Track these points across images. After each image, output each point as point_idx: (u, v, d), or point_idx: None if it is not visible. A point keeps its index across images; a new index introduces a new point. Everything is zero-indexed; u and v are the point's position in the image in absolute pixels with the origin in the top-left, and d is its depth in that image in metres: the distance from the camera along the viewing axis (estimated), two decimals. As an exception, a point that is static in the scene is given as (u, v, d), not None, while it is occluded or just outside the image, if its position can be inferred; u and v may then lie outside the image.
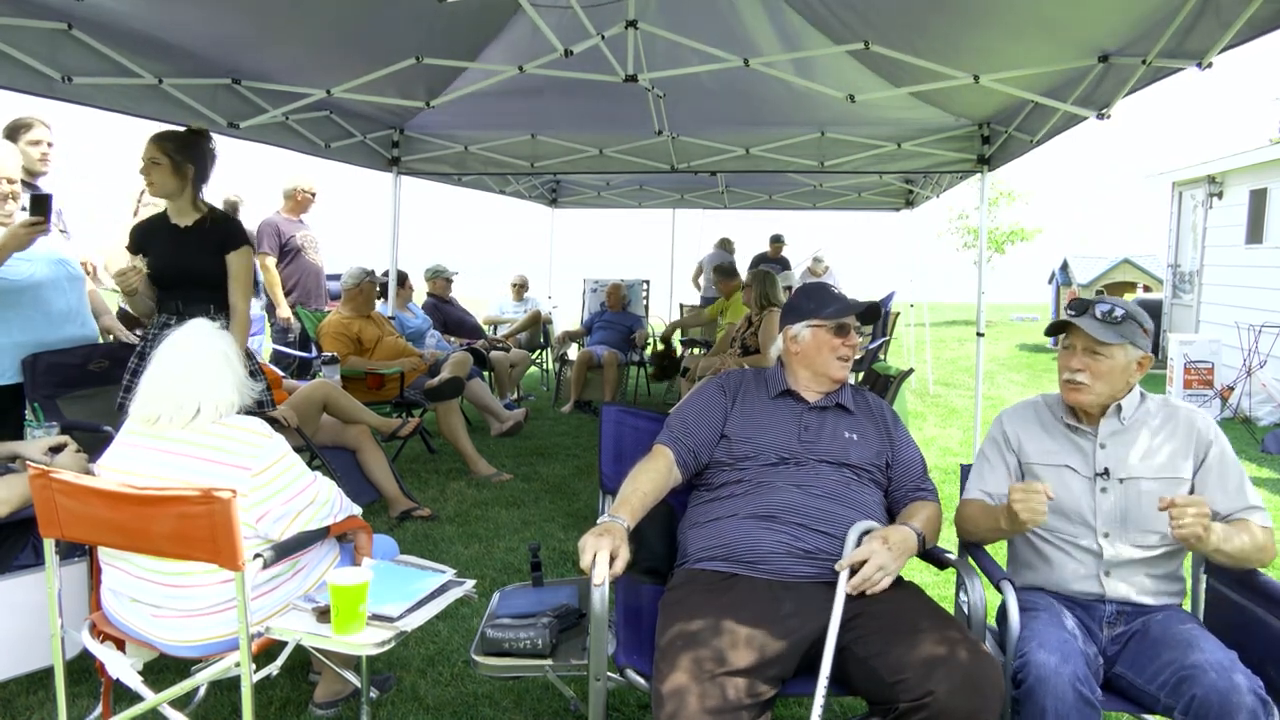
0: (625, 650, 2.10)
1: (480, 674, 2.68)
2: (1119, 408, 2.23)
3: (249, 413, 2.34)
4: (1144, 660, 2.04)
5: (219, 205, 6.00)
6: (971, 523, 2.35)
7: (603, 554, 2.01)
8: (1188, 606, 2.30)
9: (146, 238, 3.51)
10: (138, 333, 3.72)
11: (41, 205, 3.14)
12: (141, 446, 2.20)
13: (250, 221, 6.16)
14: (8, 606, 2.43)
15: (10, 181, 3.30)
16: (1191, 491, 2.17)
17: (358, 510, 2.50)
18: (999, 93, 4.07)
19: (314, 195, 6.58)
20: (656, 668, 1.91)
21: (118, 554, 2.17)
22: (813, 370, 2.49)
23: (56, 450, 2.65)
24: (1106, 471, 2.21)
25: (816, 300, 2.53)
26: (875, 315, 2.59)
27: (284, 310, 6.28)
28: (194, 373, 2.21)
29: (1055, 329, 2.31)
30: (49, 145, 4.18)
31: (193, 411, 2.18)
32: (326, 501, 2.34)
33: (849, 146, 5.85)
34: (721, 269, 8.05)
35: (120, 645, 2.27)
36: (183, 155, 3.38)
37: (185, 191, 3.44)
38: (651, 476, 2.32)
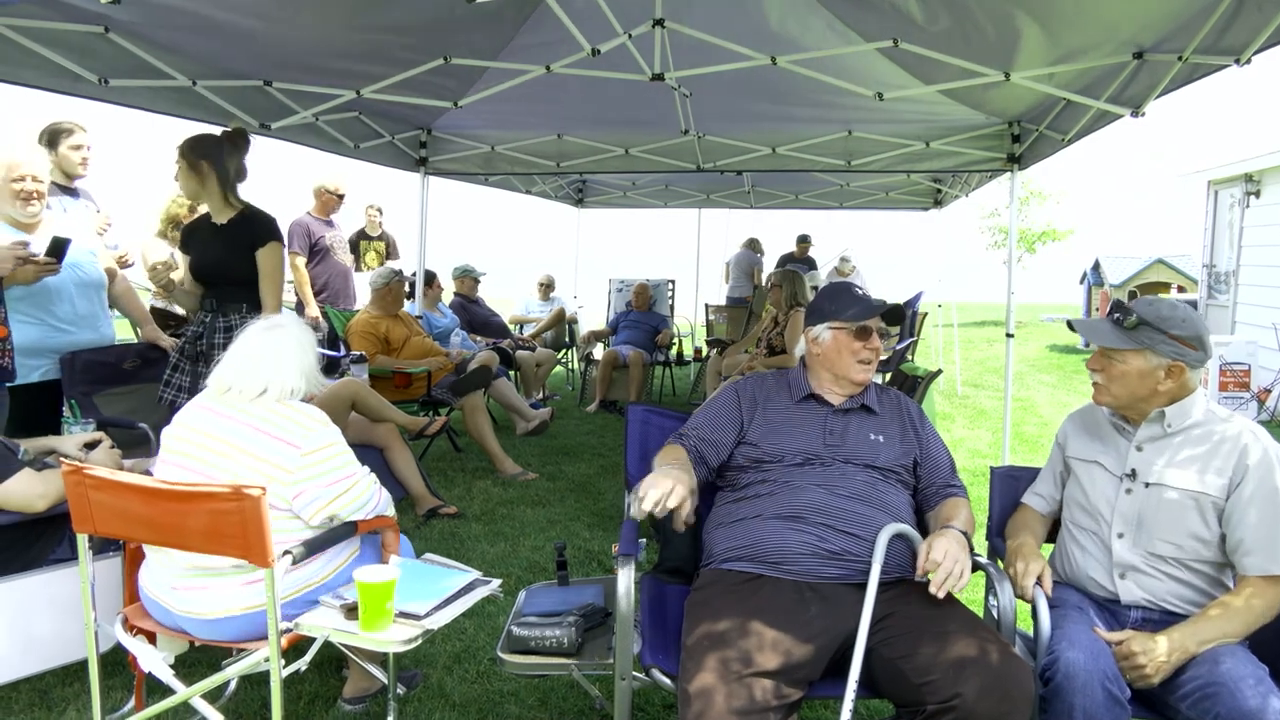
0: (651, 650, 2.10)
1: (506, 672, 2.70)
2: (1163, 414, 2.15)
3: None
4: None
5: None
6: (1009, 532, 2.41)
7: (663, 491, 2.03)
8: None
9: (190, 236, 3.63)
10: (183, 330, 3.78)
11: (59, 249, 3.24)
12: (209, 410, 2.34)
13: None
14: (44, 600, 2.48)
15: (37, 180, 3.34)
16: (1220, 515, 2.07)
17: (392, 512, 2.52)
18: (1030, 90, 4.02)
19: (340, 197, 6.63)
20: (683, 667, 1.91)
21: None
22: (834, 373, 2.47)
23: (92, 446, 2.70)
24: (1134, 473, 2.18)
25: (838, 302, 2.50)
26: (899, 317, 2.55)
27: (313, 309, 6.34)
28: (269, 355, 2.37)
29: (1071, 327, 2.35)
30: (88, 149, 4.26)
31: (260, 388, 2.33)
32: (363, 494, 2.38)
33: (876, 145, 5.81)
34: None
35: (152, 639, 2.31)
36: (195, 155, 3.45)
37: (210, 190, 3.50)
38: (680, 456, 2.34)
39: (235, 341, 2.42)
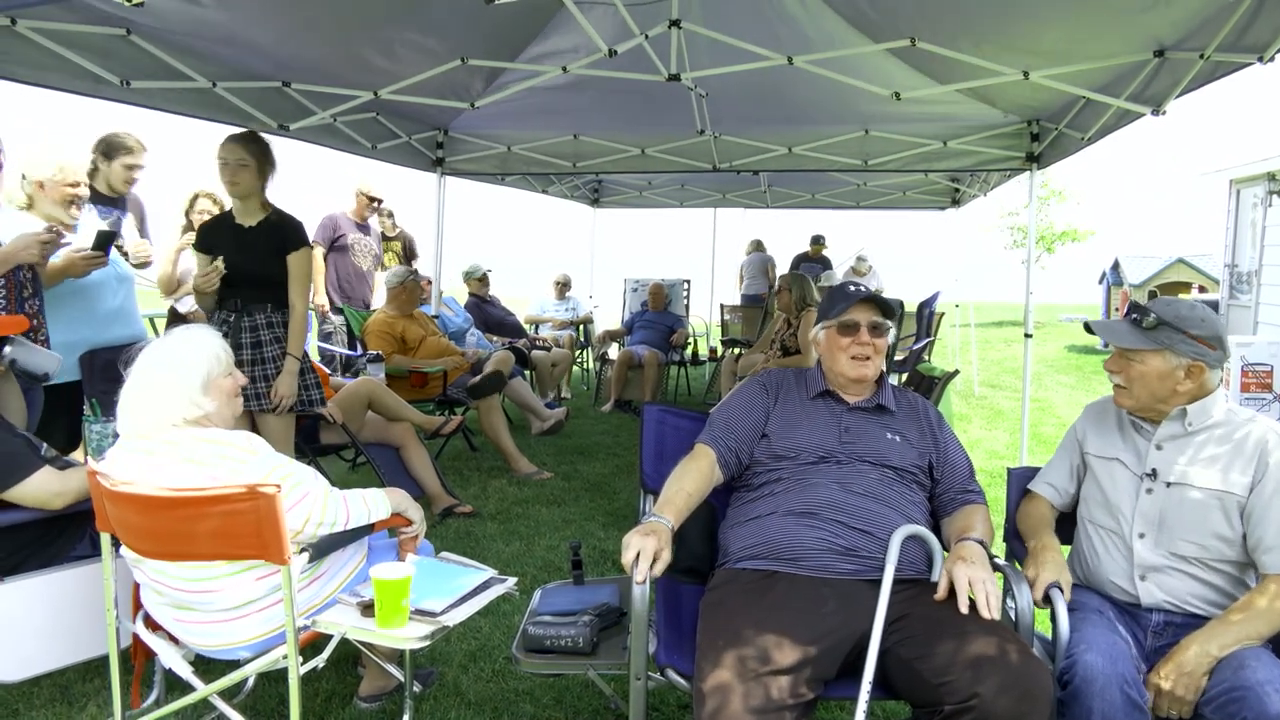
0: (666, 650, 2.10)
1: (521, 671, 2.70)
2: (1184, 412, 2.14)
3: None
4: None
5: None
6: (1023, 517, 2.39)
7: (645, 552, 2.02)
8: None
9: (212, 237, 3.60)
10: None
11: (105, 241, 3.30)
12: (140, 454, 2.16)
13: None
14: (65, 597, 2.50)
15: (76, 185, 3.40)
16: (1243, 513, 2.07)
17: (384, 514, 2.41)
18: (1049, 89, 3.99)
19: (371, 199, 6.61)
20: (698, 666, 1.90)
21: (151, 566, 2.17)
22: (833, 371, 2.49)
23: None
24: (1154, 473, 2.17)
25: (831, 301, 2.55)
26: (887, 308, 2.48)
27: (320, 297, 6.35)
28: (153, 388, 2.18)
29: (1088, 329, 2.34)
30: (141, 169, 4.24)
31: (153, 426, 2.15)
32: (326, 513, 2.22)
33: (893, 144, 5.78)
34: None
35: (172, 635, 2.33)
36: (264, 158, 3.49)
37: (261, 192, 3.52)
38: (694, 476, 2.33)
39: (127, 379, 2.22)
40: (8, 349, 2.78)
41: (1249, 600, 2.01)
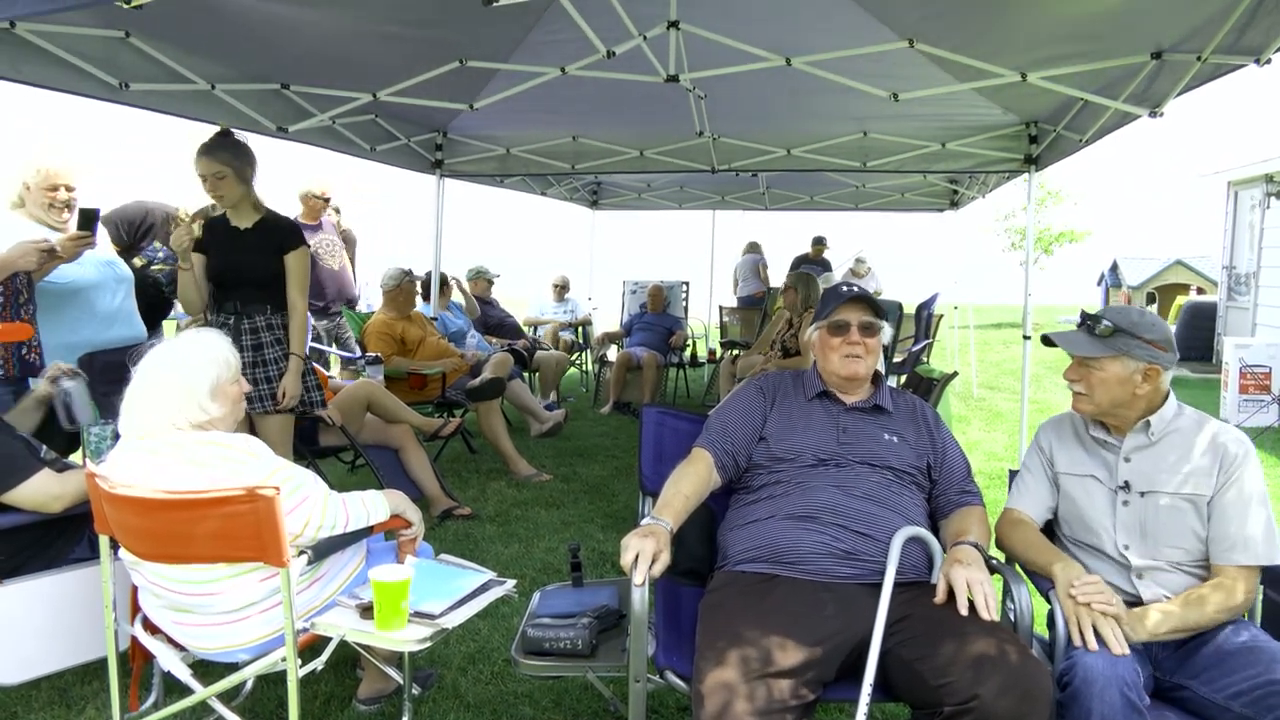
0: (665, 652, 2.10)
1: (520, 673, 2.70)
2: (1147, 423, 2.20)
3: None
4: (1214, 671, 1.99)
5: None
6: (1020, 545, 2.30)
7: (644, 554, 2.02)
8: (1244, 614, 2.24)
9: (206, 237, 3.55)
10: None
11: (89, 220, 3.25)
12: (145, 454, 2.15)
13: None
14: (63, 599, 2.50)
15: (69, 190, 3.38)
16: (1209, 518, 2.12)
17: (383, 516, 2.41)
18: (1047, 91, 3.99)
19: (326, 200, 6.47)
20: (697, 668, 1.90)
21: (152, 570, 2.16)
22: (825, 370, 2.51)
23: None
24: (1127, 485, 2.20)
25: (824, 302, 2.58)
26: (877, 307, 2.50)
27: None
28: (151, 390, 2.18)
29: (1046, 342, 2.36)
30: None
31: (155, 424, 2.15)
32: (326, 517, 2.22)
33: (892, 146, 5.79)
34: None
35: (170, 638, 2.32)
36: (241, 161, 3.45)
37: (249, 195, 3.52)
38: (692, 480, 2.33)
39: (134, 377, 2.21)
40: (70, 384, 2.78)
41: (1199, 591, 2.08)
